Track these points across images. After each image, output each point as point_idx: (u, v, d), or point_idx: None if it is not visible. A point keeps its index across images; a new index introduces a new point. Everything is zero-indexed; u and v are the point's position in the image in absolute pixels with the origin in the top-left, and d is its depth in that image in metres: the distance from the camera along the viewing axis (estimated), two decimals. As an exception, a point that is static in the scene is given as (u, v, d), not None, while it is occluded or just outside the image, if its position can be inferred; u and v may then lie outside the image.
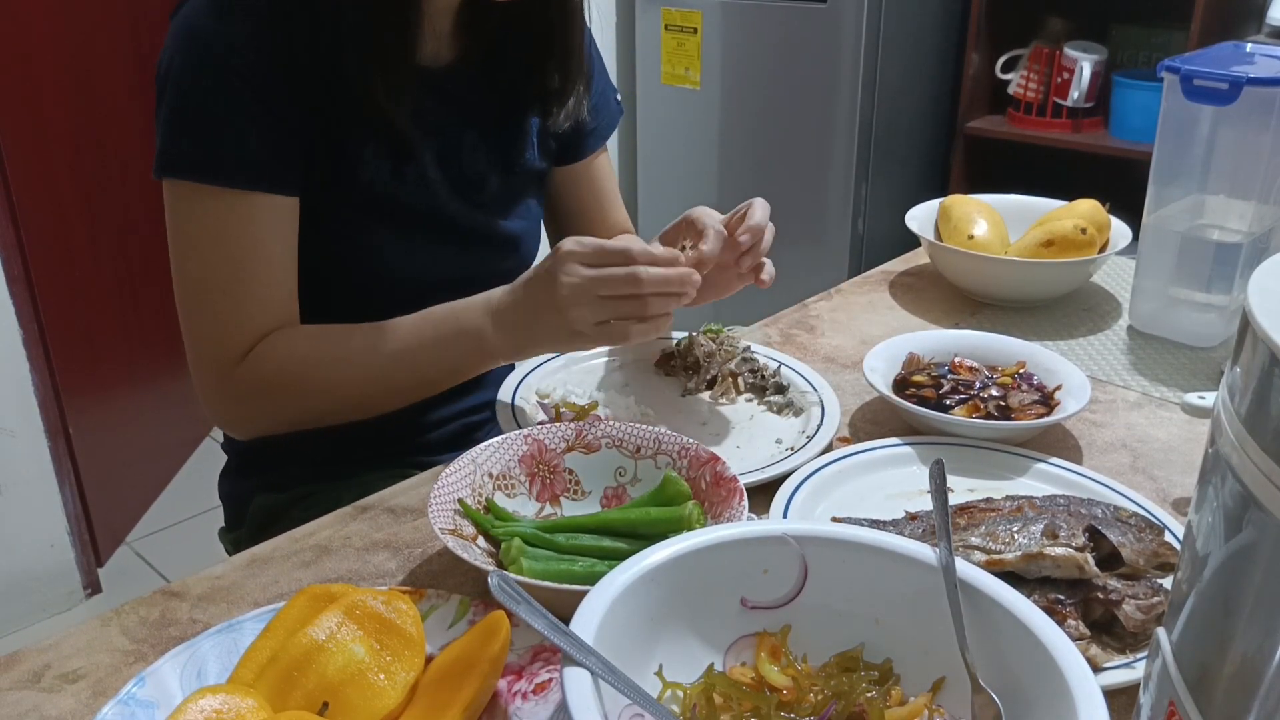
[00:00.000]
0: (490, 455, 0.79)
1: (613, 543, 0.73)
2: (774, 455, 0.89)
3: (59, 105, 2.08)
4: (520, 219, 1.07)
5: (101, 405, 2.25)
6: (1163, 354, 1.11)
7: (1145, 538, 0.72)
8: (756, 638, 0.61)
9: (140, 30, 2.37)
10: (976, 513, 0.74)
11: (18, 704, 0.63)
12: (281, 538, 0.80)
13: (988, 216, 1.26)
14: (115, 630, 0.69)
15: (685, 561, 0.59)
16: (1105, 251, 1.20)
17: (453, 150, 0.99)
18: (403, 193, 0.96)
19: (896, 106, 2.64)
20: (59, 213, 2.09)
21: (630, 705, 0.52)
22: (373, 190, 0.94)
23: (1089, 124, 2.59)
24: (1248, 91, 1.00)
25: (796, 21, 2.56)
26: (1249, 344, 0.36)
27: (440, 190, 0.99)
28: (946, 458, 0.76)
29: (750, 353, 1.03)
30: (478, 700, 0.58)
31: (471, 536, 0.73)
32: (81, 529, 2.13)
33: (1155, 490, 0.86)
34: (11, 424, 1.97)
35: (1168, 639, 0.42)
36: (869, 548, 0.61)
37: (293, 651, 0.58)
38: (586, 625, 0.53)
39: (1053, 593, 0.67)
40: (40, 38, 2.02)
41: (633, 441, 0.82)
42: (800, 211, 2.69)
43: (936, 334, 1.04)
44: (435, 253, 1.00)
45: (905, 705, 0.58)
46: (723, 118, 2.78)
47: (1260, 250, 1.08)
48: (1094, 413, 0.98)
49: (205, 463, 2.59)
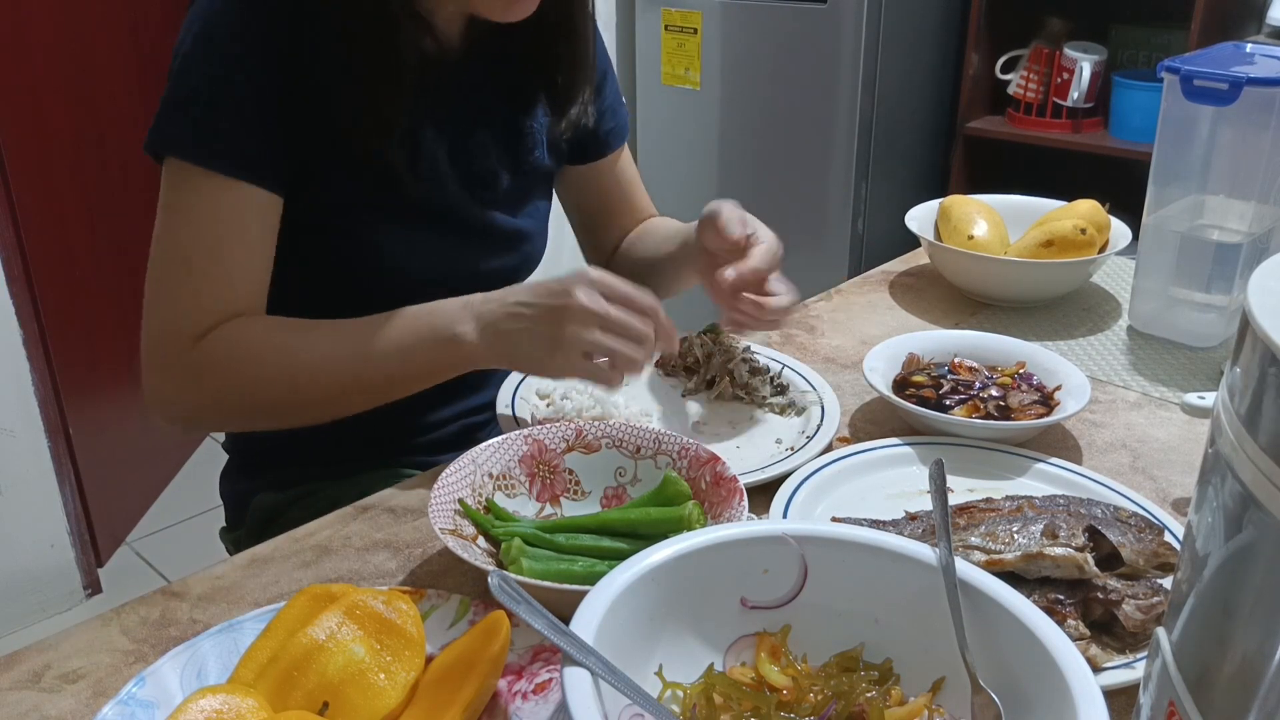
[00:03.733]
0: (490, 455, 0.79)
1: (613, 543, 0.73)
2: (774, 455, 0.89)
3: (59, 105, 2.08)
4: (529, 218, 1.07)
5: (101, 405, 2.25)
6: (1162, 354, 1.11)
7: (1145, 538, 0.72)
8: (756, 638, 0.61)
9: (140, 30, 2.37)
10: (976, 513, 0.74)
11: (18, 704, 0.63)
12: (282, 538, 0.80)
13: (987, 217, 1.26)
14: (115, 630, 0.69)
15: (685, 561, 0.59)
16: (1105, 251, 1.20)
17: (463, 146, 0.99)
18: (412, 187, 0.96)
19: (896, 106, 2.64)
20: (59, 213, 2.09)
21: (630, 705, 0.52)
22: (381, 184, 0.94)
23: (1089, 124, 2.59)
24: (1248, 91, 1.00)
25: (796, 21, 2.56)
26: (1249, 344, 0.36)
27: (450, 185, 0.98)
28: (946, 458, 0.76)
29: (750, 353, 1.04)
30: (478, 700, 0.58)
31: (471, 536, 0.73)
32: (81, 529, 2.13)
33: (1155, 490, 0.86)
34: (11, 424, 1.97)
35: (1168, 639, 0.42)
36: (869, 548, 0.61)
37: (293, 651, 0.58)
38: (586, 625, 0.53)
39: (1053, 593, 0.67)
40: (40, 38, 2.02)
41: (633, 441, 0.82)
42: (800, 211, 2.69)
43: (936, 334, 1.04)
44: (441, 248, 0.99)
45: (905, 705, 0.58)
46: (723, 118, 2.78)
47: (1260, 250, 1.08)
48: (1094, 413, 0.98)
49: (205, 463, 2.59)
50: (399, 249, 0.97)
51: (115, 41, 2.29)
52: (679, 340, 0.90)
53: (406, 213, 0.96)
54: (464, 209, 1.00)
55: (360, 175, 0.93)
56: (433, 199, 0.97)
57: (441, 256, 0.99)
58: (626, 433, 0.82)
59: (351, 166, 0.92)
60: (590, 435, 0.82)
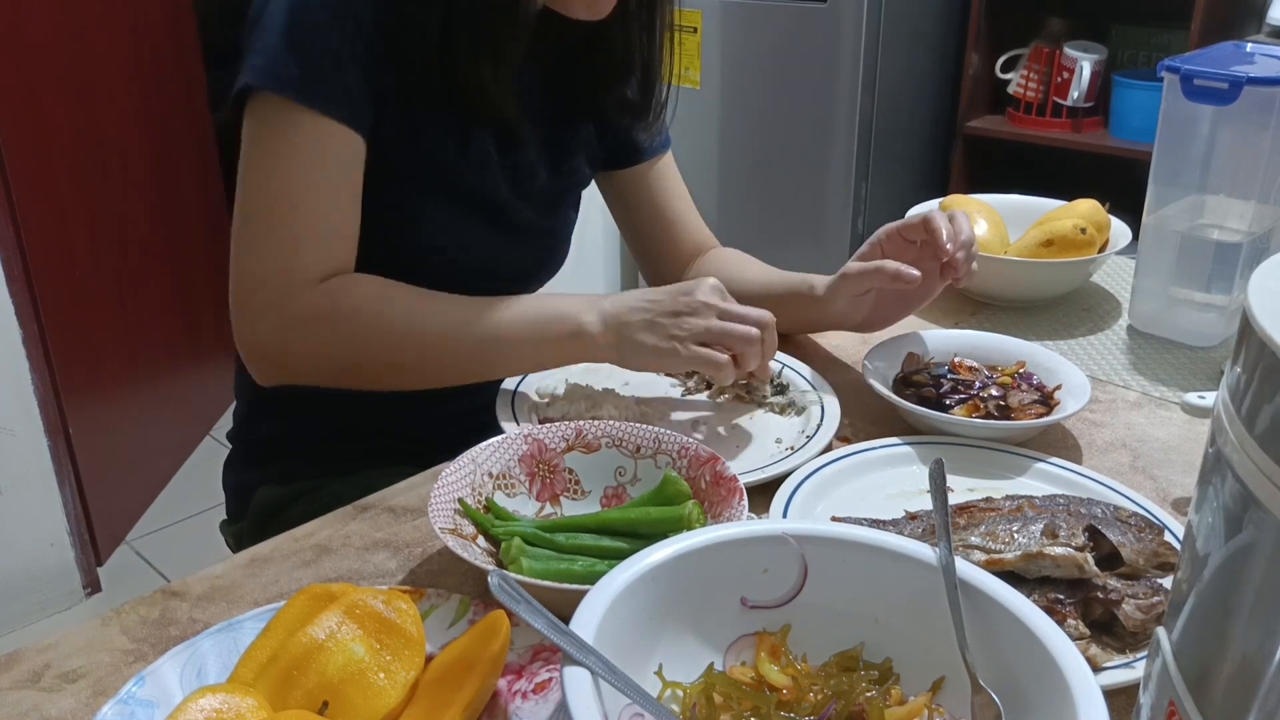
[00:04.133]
0: (490, 455, 0.79)
1: (613, 542, 0.73)
2: (774, 455, 0.89)
3: (59, 105, 2.08)
4: (559, 221, 1.10)
5: (101, 405, 2.25)
6: (1163, 354, 1.11)
7: (1145, 538, 0.72)
8: (756, 637, 0.61)
9: (140, 30, 2.37)
10: (976, 512, 0.74)
11: (18, 704, 0.63)
12: (282, 537, 0.80)
13: (988, 216, 1.26)
14: (115, 630, 0.69)
15: (685, 561, 0.59)
16: (1105, 251, 1.20)
17: (513, 140, 1.00)
18: (461, 167, 0.96)
19: (896, 106, 2.64)
20: (59, 213, 2.09)
21: (630, 705, 0.52)
22: (432, 161, 0.95)
23: (1089, 124, 2.59)
24: (1248, 91, 1.00)
25: (796, 21, 2.56)
26: (1249, 344, 0.36)
27: (495, 173, 0.99)
28: (946, 458, 0.76)
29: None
30: (478, 700, 0.58)
31: (471, 536, 0.73)
32: (81, 528, 2.13)
33: (1155, 490, 0.86)
34: (11, 424, 1.97)
35: (1168, 639, 0.42)
36: (869, 547, 0.61)
37: (293, 651, 0.58)
38: (586, 625, 0.53)
39: (1053, 593, 0.67)
40: (40, 38, 2.02)
41: (633, 441, 0.82)
42: (800, 211, 2.69)
43: (936, 334, 1.04)
44: (477, 233, 1.00)
45: (905, 705, 0.58)
46: (723, 118, 2.78)
47: (1260, 250, 1.08)
48: (1094, 412, 0.98)
49: (205, 462, 2.59)
50: (435, 225, 0.98)
51: (115, 41, 2.29)
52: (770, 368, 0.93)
53: (449, 190, 0.97)
54: (503, 198, 1.01)
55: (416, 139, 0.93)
56: (478, 184, 0.98)
57: (475, 239, 1.00)
58: (626, 432, 0.82)
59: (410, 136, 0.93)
60: (590, 435, 0.82)
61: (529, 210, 1.04)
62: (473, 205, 0.99)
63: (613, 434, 0.82)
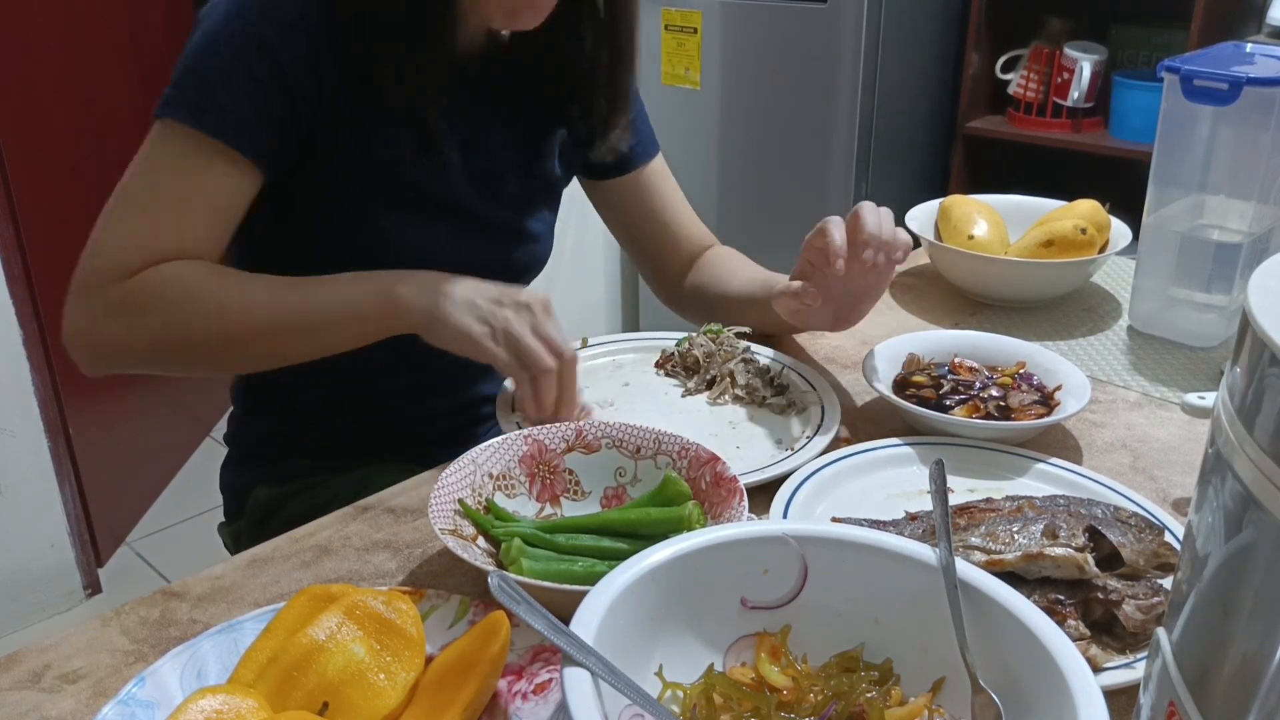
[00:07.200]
0: (490, 455, 0.79)
1: (613, 543, 0.73)
2: (774, 455, 0.89)
3: (59, 105, 2.08)
4: (534, 221, 1.09)
5: (101, 405, 2.25)
6: (1163, 354, 1.11)
7: (1145, 538, 0.72)
8: (756, 638, 0.61)
9: (140, 30, 2.37)
10: (976, 513, 0.74)
11: (18, 704, 0.63)
12: (282, 538, 0.80)
13: (988, 217, 1.26)
14: (115, 630, 0.69)
15: (685, 561, 0.59)
16: (1105, 251, 1.20)
17: (480, 143, 1.00)
18: (420, 176, 0.96)
19: (896, 106, 2.64)
20: (59, 213, 2.08)
21: (630, 705, 0.52)
22: (388, 170, 0.94)
23: (1089, 124, 2.59)
24: (1248, 91, 1.00)
25: (796, 21, 2.56)
26: (1249, 344, 0.36)
27: (459, 179, 0.99)
28: (946, 458, 0.76)
29: (750, 353, 1.04)
30: (478, 700, 0.58)
31: (471, 537, 0.73)
32: (81, 529, 2.13)
33: (1155, 490, 0.86)
34: (11, 424, 1.97)
35: (1168, 639, 0.42)
36: (869, 548, 0.61)
37: (293, 651, 0.58)
38: (586, 625, 0.53)
39: (1053, 593, 0.67)
40: (40, 38, 2.02)
41: (633, 441, 0.82)
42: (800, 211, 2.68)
43: (936, 334, 1.04)
44: (440, 235, 1.00)
45: (905, 705, 0.58)
46: (723, 118, 2.78)
47: (1260, 250, 1.08)
48: (1094, 413, 0.98)
49: (205, 463, 2.59)
50: (403, 233, 0.97)
51: (115, 41, 2.29)
52: (582, 410, 0.90)
53: (407, 196, 0.97)
54: (468, 201, 1.00)
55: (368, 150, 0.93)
56: (436, 187, 0.98)
57: (442, 244, 1.00)
58: (626, 433, 0.82)
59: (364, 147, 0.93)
60: (590, 435, 0.82)
61: (502, 212, 1.04)
62: (436, 210, 0.98)
63: (613, 435, 0.82)
